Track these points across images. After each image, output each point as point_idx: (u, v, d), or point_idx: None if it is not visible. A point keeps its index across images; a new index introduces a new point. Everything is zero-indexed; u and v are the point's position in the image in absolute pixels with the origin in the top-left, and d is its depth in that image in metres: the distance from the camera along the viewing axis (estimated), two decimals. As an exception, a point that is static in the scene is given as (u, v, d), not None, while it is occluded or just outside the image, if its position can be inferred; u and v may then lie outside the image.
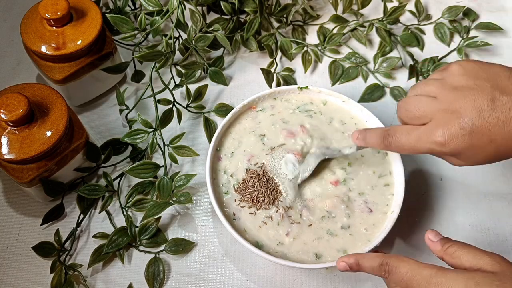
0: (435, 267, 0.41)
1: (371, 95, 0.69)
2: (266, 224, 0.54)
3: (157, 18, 0.65)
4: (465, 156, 0.45)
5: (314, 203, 0.55)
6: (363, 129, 0.54)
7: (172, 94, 0.64)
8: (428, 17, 0.76)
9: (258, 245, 0.53)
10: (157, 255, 0.57)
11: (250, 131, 0.60)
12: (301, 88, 0.61)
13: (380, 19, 0.73)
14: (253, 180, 0.55)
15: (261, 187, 0.55)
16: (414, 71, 0.69)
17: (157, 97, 0.63)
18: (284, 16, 0.72)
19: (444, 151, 0.45)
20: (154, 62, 0.64)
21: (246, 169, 0.57)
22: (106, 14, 0.65)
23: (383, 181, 0.57)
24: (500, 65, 0.46)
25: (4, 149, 0.52)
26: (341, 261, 0.46)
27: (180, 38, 0.70)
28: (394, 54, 0.72)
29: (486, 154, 0.44)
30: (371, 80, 0.70)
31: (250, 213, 0.54)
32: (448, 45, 0.73)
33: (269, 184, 0.55)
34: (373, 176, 0.57)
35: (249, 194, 0.55)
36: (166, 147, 0.62)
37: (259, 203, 0.54)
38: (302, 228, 0.54)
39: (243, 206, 0.55)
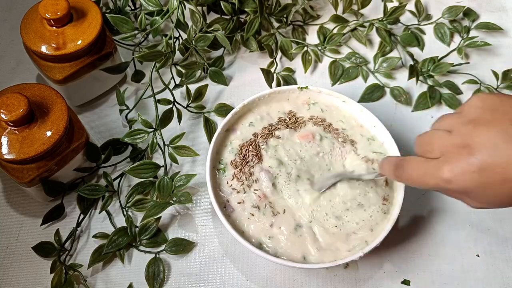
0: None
1: (371, 95, 0.69)
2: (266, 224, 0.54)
3: (157, 18, 0.65)
4: (476, 196, 0.41)
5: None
6: (386, 156, 0.52)
7: (172, 94, 0.64)
8: (428, 17, 0.76)
9: (258, 245, 0.53)
10: (157, 255, 0.57)
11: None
12: (301, 88, 0.61)
13: (380, 19, 0.73)
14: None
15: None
16: (414, 71, 0.69)
17: (157, 97, 0.63)
18: (284, 16, 0.72)
19: (451, 188, 0.41)
20: (154, 62, 0.64)
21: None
22: (106, 14, 0.65)
23: (383, 180, 0.57)
24: None
25: (4, 149, 0.52)
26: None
27: (180, 38, 0.70)
28: (394, 54, 0.72)
29: (500, 194, 0.40)
30: (371, 80, 0.70)
31: (239, 203, 0.54)
32: (448, 45, 0.73)
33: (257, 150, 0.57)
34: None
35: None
36: (166, 147, 0.62)
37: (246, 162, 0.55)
38: (302, 227, 0.54)
39: (239, 203, 0.55)
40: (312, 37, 0.74)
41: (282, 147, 0.58)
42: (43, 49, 0.58)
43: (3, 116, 0.50)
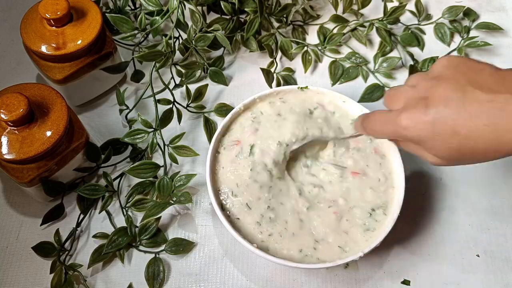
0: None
1: (371, 95, 0.69)
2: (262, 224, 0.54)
3: (157, 18, 0.65)
4: (430, 148, 0.44)
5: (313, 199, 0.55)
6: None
7: (172, 94, 0.64)
8: (428, 17, 0.76)
9: (258, 245, 0.53)
10: (157, 255, 0.57)
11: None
12: (301, 88, 0.61)
13: (380, 19, 0.73)
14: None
15: None
16: (414, 71, 0.69)
17: (157, 97, 0.63)
18: (284, 16, 0.72)
19: (407, 135, 0.44)
20: (154, 62, 0.64)
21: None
22: (106, 14, 0.65)
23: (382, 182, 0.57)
24: (490, 64, 0.44)
25: (4, 149, 0.52)
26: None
27: (180, 38, 0.70)
28: (394, 54, 0.72)
29: (449, 147, 0.42)
30: (371, 80, 0.70)
31: (246, 210, 0.54)
32: (449, 45, 0.73)
33: None
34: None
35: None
36: (166, 147, 0.62)
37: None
38: (300, 227, 0.54)
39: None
40: (312, 37, 0.74)
41: None
42: (43, 49, 0.58)
43: (3, 116, 0.50)
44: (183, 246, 0.58)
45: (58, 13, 0.57)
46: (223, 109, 0.66)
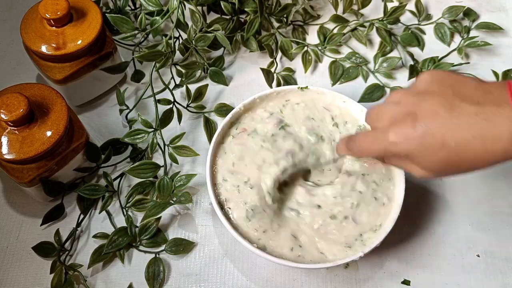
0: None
1: (371, 95, 0.69)
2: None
3: (157, 18, 0.65)
4: (419, 161, 0.44)
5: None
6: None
7: (172, 94, 0.64)
8: (428, 17, 0.76)
9: (258, 246, 0.53)
10: (157, 255, 0.57)
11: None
12: (301, 88, 0.61)
13: (380, 19, 0.73)
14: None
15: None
16: (414, 71, 0.69)
17: (157, 97, 0.63)
18: (284, 16, 0.72)
19: (396, 150, 0.45)
20: (154, 62, 0.64)
21: None
22: (106, 14, 0.65)
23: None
24: (472, 77, 0.45)
25: (4, 149, 0.52)
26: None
27: (180, 38, 0.70)
28: (394, 54, 0.72)
29: (438, 159, 0.43)
30: (371, 80, 0.70)
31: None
32: (449, 45, 0.73)
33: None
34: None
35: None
36: (166, 147, 0.62)
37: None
38: (300, 226, 0.54)
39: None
40: (312, 37, 0.74)
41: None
42: (43, 49, 0.58)
43: (3, 116, 0.50)
44: (183, 246, 0.58)
45: (58, 13, 0.57)
46: (223, 109, 0.66)
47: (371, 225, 0.53)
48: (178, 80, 0.69)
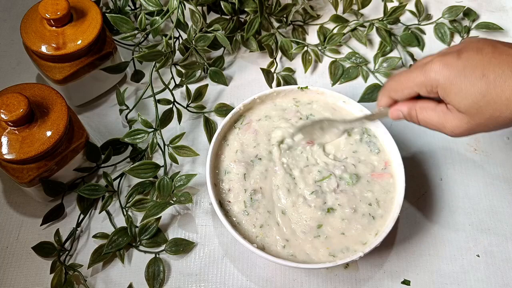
0: None
1: (371, 95, 0.69)
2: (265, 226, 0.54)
3: (157, 18, 0.65)
4: (454, 93, 0.45)
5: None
6: None
7: (172, 94, 0.64)
8: (428, 17, 0.76)
9: (258, 246, 0.53)
10: (157, 255, 0.57)
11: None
12: (301, 88, 0.61)
13: (380, 19, 0.73)
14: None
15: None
16: (414, 71, 0.69)
17: (157, 97, 0.63)
18: (284, 16, 0.72)
19: (435, 78, 0.45)
20: (154, 62, 0.64)
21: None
22: (106, 14, 0.65)
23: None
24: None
25: (4, 149, 0.52)
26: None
27: (180, 38, 0.70)
28: (394, 54, 0.72)
29: (475, 93, 0.43)
30: (371, 80, 0.70)
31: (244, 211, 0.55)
32: (449, 45, 0.73)
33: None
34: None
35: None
36: (166, 147, 0.62)
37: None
38: (300, 226, 0.54)
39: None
40: (312, 37, 0.74)
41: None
42: (43, 49, 0.58)
43: (3, 116, 0.50)
44: (183, 246, 0.58)
45: (58, 13, 0.57)
46: (223, 109, 0.66)
47: (370, 228, 0.54)
48: (178, 80, 0.69)
